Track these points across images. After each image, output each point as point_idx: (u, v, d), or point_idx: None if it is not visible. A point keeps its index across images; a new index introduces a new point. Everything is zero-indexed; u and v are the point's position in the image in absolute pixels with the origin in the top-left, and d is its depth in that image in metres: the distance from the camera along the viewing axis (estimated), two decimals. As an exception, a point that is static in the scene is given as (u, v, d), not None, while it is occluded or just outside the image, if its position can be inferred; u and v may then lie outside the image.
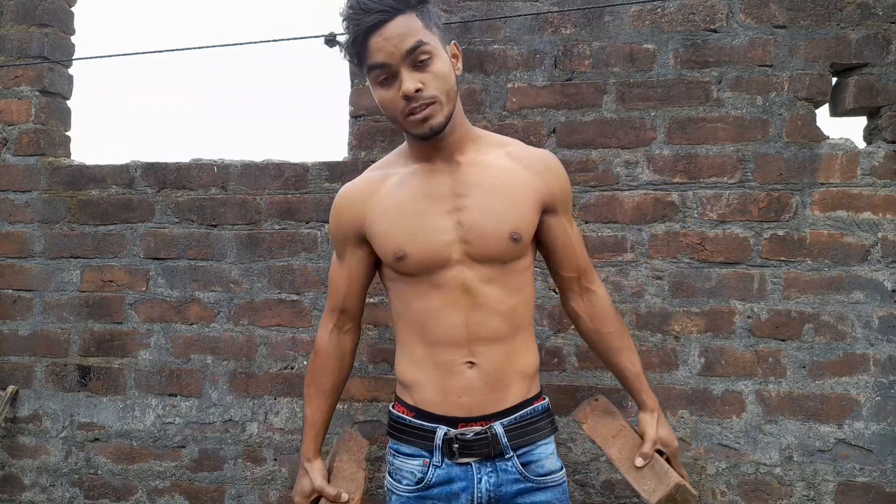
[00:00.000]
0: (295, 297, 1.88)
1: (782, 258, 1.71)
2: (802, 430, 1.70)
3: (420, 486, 1.18)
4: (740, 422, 1.72)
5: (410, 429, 1.20)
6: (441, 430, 1.16)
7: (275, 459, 1.88)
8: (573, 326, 1.40)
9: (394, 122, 1.14)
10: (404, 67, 1.06)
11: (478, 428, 1.16)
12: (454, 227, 1.15)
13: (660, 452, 1.29)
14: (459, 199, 1.16)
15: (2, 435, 1.99)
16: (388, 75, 1.08)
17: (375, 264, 1.28)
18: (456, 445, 1.15)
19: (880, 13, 1.69)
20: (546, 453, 1.21)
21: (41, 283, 1.99)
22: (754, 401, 1.72)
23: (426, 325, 1.18)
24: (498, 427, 1.16)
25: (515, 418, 1.18)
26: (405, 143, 1.25)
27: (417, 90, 1.06)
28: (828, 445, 1.69)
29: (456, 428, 1.16)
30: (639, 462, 1.25)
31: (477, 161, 1.18)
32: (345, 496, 1.22)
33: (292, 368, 1.89)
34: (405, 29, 1.05)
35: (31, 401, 1.99)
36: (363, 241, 1.24)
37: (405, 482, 1.20)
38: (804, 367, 1.70)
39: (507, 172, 1.18)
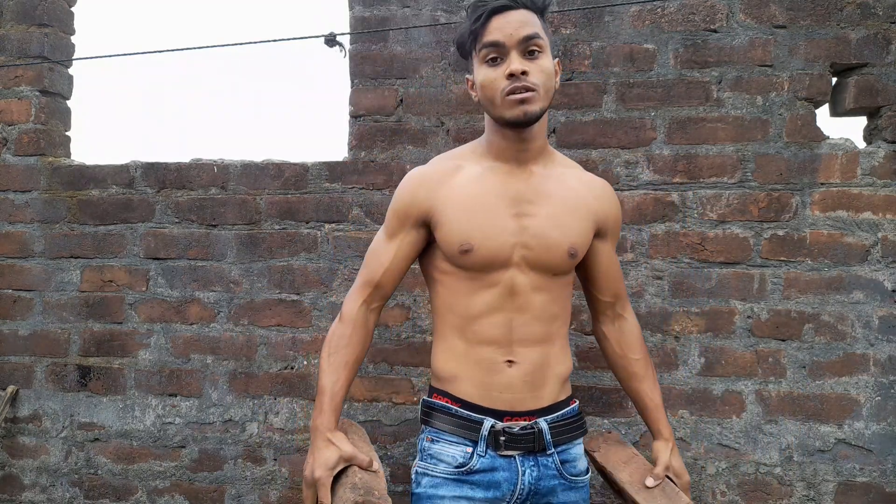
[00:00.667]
0: (295, 297, 1.88)
1: (782, 258, 1.71)
2: (802, 430, 1.70)
3: (461, 469, 1.20)
4: (740, 422, 1.72)
5: (456, 418, 1.22)
6: (488, 422, 1.20)
7: (275, 459, 1.88)
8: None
9: (488, 106, 1.17)
10: (516, 51, 1.13)
11: (524, 422, 1.20)
12: (519, 231, 1.20)
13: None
14: (530, 205, 1.21)
15: (2, 435, 1.99)
16: (498, 55, 1.14)
17: (415, 257, 1.30)
18: (503, 438, 1.19)
19: (880, 13, 1.69)
20: (579, 454, 1.27)
21: (41, 283, 1.99)
22: (754, 401, 1.72)
23: (472, 322, 1.21)
24: (543, 423, 1.21)
25: (557, 416, 1.23)
26: (481, 138, 1.27)
27: (524, 72, 1.12)
28: (828, 445, 1.69)
29: (502, 421, 1.20)
30: (650, 482, 1.25)
31: (550, 174, 1.24)
32: (375, 464, 1.20)
33: (292, 368, 1.89)
34: (527, 19, 1.14)
35: (31, 401, 1.99)
36: (424, 225, 1.26)
37: (443, 465, 1.21)
38: (804, 367, 1.70)
39: (574, 191, 1.24)
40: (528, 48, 1.13)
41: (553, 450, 1.22)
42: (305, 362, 1.88)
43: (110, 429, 1.95)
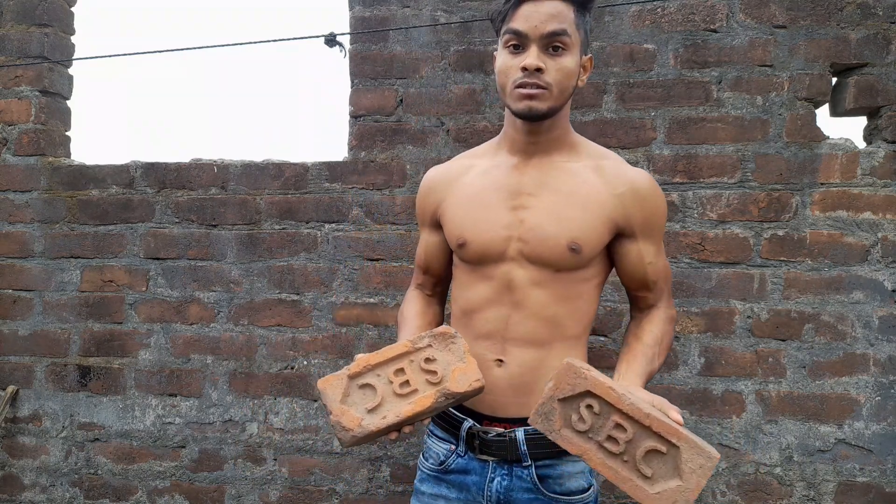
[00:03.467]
0: (295, 297, 1.88)
1: (782, 258, 1.71)
2: (802, 430, 1.70)
3: (440, 467, 1.21)
4: (740, 422, 1.72)
5: (445, 415, 1.22)
6: (467, 423, 1.18)
7: (275, 459, 1.88)
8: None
9: (500, 91, 1.15)
10: (537, 45, 1.08)
11: (500, 429, 1.16)
12: (515, 224, 1.16)
13: None
14: (529, 197, 1.16)
15: (2, 435, 1.99)
16: (520, 44, 1.10)
17: (450, 250, 1.30)
18: (477, 441, 1.17)
19: (880, 13, 1.69)
20: (571, 471, 1.17)
21: (41, 283, 1.99)
22: (754, 401, 1.72)
23: (472, 315, 1.20)
24: (519, 433, 1.15)
25: None
26: (503, 132, 1.25)
27: (538, 69, 1.07)
28: (828, 445, 1.69)
29: (481, 424, 1.18)
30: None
31: (561, 166, 1.18)
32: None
33: (292, 368, 1.89)
34: (558, 12, 1.08)
35: (31, 401, 1.99)
36: (437, 225, 1.28)
37: (430, 461, 1.23)
38: (804, 367, 1.70)
39: (585, 184, 1.16)
40: (552, 44, 1.08)
41: (530, 462, 1.15)
42: (305, 362, 1.88)
43: (110, 429, 1.95)
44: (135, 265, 1.95)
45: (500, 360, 1.16)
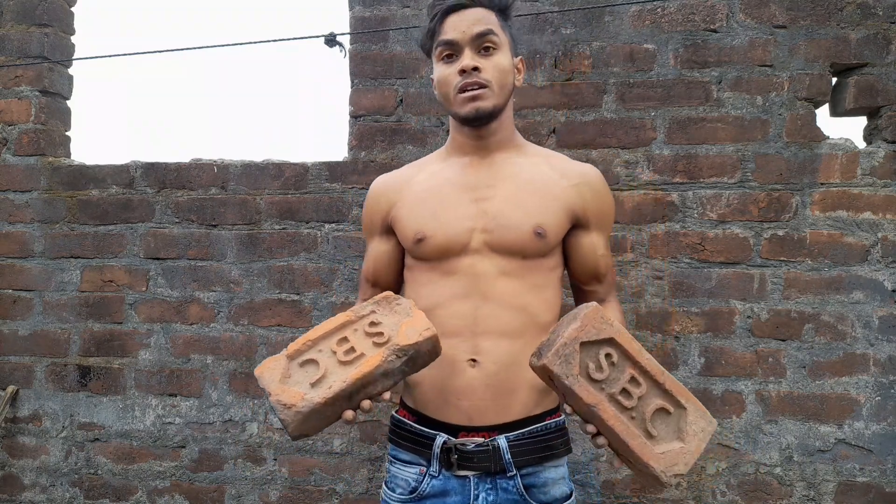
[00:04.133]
0: (295, 297, 1.88)
1: (782, 258, 1.71)
2: (802, 430, 1.70)
3: (413, 495, 1.12)
4: (740, 422, 1.72)
5: (410, 434, 1.15)
6: (440, 438, 1.10)
7: (275, 459, 1.88)
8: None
9: (444, 103, 1.17)
10: (469, 48, 1.12)
11: (479, 439, 1.09)
12: (478, 216, 1.15)
13: None
14: (488, 189, 1.16)
15: (2, 435, 1.99)
16: (453, 53, 1.14)
17: (400, 259, 1.27)
18: (455, 456, 1.09)
19: (880, 13, 1.69)
20: (554, 477, 1.13)
21: (41, 283, 1.99)
22: (754, 401, 1.72)
23: (435, 313, 1.12)
24: (502, 441, 1.09)
25: (523, 434, 1.10)
26: (448, 140, 1.26)
27: (475, 68, 1.11)
28: (828, 445, 1.69)
29: (456, 436, 1.10)
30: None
31: (513, 161, 1.20)
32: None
33: (292, 368, 1.88)
34: (481, 16, 1.14)
35: (31, 401, 1.99)
36: (389, 231, 1.25)
37: (399, 491, 1.14)
38: (804, 367, 1.70)
39: (541, 175, 1.18)
40: (483, 45, 1.12)
41: (515, 471, 1.09)
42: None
43: (110, 429, 1.95)
44: (135, 265, 1.95)
45: (474, 360, 1.10)
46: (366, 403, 0.99)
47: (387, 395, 1.02)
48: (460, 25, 1.12)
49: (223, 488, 1.90)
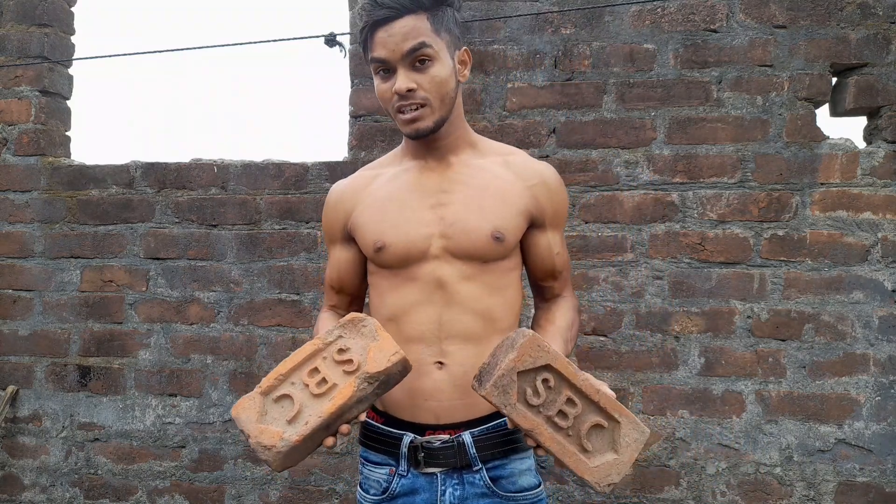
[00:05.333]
0: (295, 297, 1.88)
1: (782, 258, 1.71)
2: (802, 430, 1.70)
3: (384, 496, 1.14)
4: (740, 422, 1.72)
5: (378, 435, 1.17)
6: (407, 438, 1.13)
7: (275, 459, 1.88)
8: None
9: (389, 115, 1.17)
10: (402, 66, 1.08)
11: (445, 436, 1.12)
12: (436, 222, 1.15)
13: None
14: (445, 194, 1.16)
15: (2, 435, 1.99)
16: (387, 69, 1.11)
17: (363, 264, 1.26)
18: (421, 454, 1.11)
19: (880, 13, 1.69)
20: (520, 469, 1.15)
21: (41, 283, 1.99)
22: (754, 401, 1.72)
23: (399, 320, 1.14)
24: (467, 437, 1.11)
25: (487, 428, 1.13)
26: (403, 142, 1.26)
27: (409, 90, 1.08)
28: (828, 445, 1.69)
29: (423, 435, 1.12)
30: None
31: (469, 163, 1.19)
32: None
33: (292, 368, 1.89)
34: (410, 29, 1.07)
35: (31, 401, 1.99)
36: (350, 238, 1.24)
37: (372, 492, 1.16)
38: (804, 367, 1.70)
39: (498, 178, 1.18)
40: (416, 59, 1.08)
41: (481, 465, 1.11)
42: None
43: (110, 429, 1.95)
44: (135, 265, 1.95)
45: (441, 363, 1.12)
46: (344, 428, 1.00)
47: (363, 417, 1.03)
48: (389, 43, 1.07)
49: (223, 488, 1.90)
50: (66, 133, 2.11)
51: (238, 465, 1.89)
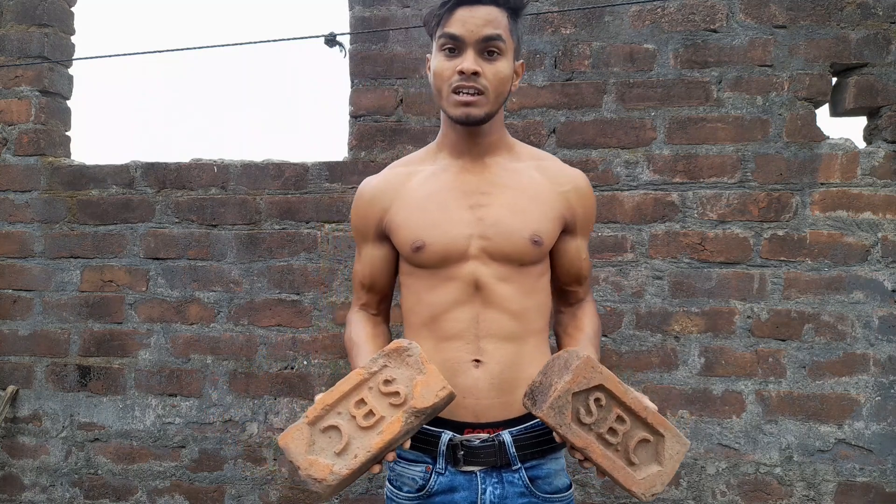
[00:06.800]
0: (295, 297, 1.88)
1: (782, 258, 1.71)
2: (802, 430, 1.70)
3: (421, 493, 1.13)
4: (740, 422, 1.72)
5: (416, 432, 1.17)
6: (446, 436, 1.12)
7: (275, 459, 1.88)
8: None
9: (436, 94, 1.15)
10: (474, 50, 1.09)
11: (485, 435, 1.12)
12: (475, 223, 1.15)
13: None
14: (484, 196, 1.16)
15: (2, 435, 1.99)
16: (455, 48, 1.10)
17: (395, 262, 1.26)
18: (461, 452, 1.11)
19: (880, 13, 1.69)
20: (556, 469, 1.17)
21: (41, 283, 1.99)
22: (754, 401, 1.72)
23: (437, 319, 1.15)
24: (506, 436, 1.12)
25: (525, 428, 1.13)
26: (437, 138, 1.25)
27: (475, 73, 1.08)
28: (828, 445, 1.69)
29: (462, 434, 1.12)
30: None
31: (506, 166, 1.20)
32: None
33: (292, 368, 1.89)
34: (493, 18, 1.09)
35: (31, 401, 1.99)
36: (384, 237, 1.23)
37: (406, 489, 1.16)
38: (804, 367, 1.70)
39: (533, 182, 1.19)
40: (487, 48, 1.09)
41: (520, 465, 1.12)
42: (305, 362, 1.88)
43: (110, 429, 1.95)
44: (135, 265, 1.95)
45: (478, 361, 1.12)
46: (390, 456, 1.02)
47: (407, 445, 1.04)
48: (469, 23, 1.07)
49: (223, 488, 1.90)
50: (66, 133, 2.11)
51: (238, 465, 1.89)
